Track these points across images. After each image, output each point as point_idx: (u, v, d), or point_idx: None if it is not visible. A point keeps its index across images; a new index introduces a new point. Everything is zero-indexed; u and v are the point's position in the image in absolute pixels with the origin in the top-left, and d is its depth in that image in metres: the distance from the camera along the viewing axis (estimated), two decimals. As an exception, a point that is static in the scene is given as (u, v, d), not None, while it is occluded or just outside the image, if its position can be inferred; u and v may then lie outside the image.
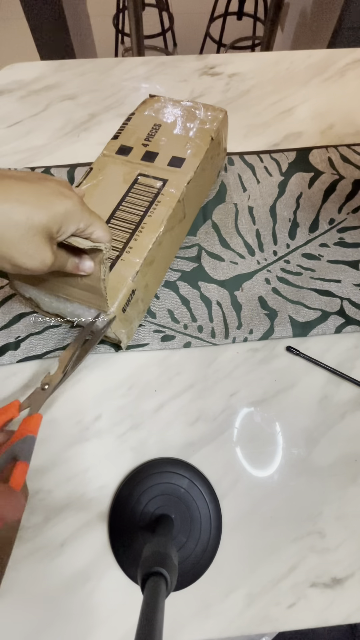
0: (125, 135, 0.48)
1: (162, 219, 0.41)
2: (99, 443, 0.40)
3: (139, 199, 0.42)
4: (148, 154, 0.46)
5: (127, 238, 0.40)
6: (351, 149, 0.58)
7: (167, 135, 0.47)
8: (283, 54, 0.71)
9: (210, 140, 0.47)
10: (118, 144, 0.47)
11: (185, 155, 0.45)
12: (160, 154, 0.46)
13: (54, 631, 0.34)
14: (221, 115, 0.49)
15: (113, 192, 0.43)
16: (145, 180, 0.44)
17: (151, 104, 0.51)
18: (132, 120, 0.49)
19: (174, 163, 0.45)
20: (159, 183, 0.43)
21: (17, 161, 0.58)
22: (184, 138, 0.47)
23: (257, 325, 0.45)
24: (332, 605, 0.35)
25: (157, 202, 0.42)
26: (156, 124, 0.48)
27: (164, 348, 0.44)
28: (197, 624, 0.34)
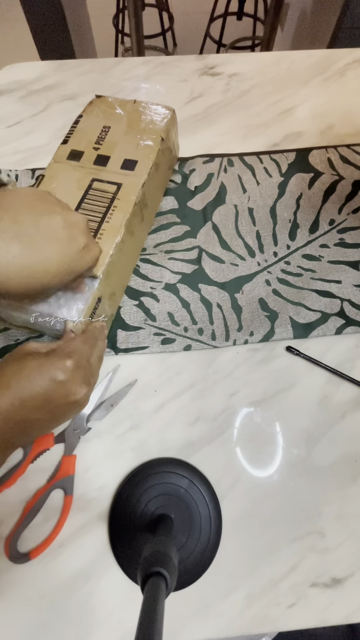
0: (75, 139, 0.47)
1: (120, 224, 0.40)
2: (99, 443, 0.40)
3: (95, 204, 0.42)
4: (100, 157, 0.45)
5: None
6: (351, 149, 0.58)
7: (117, 137, 0.46)
8: (283, 54, 0.71)
9: (160, 140, 0.46)
10: (68, 149, 0.46)
11: (137, 157, 0.45)
12: (112, 157, 0.45)
13: (54, 631, 0.34)
14: (169, 114, 0.48)
15: (68, 199, 0.42)
16: (100, 186, 0.43)
17: (98, 104, 0.50)
18: (81, 123, 0.48)
19: (126, 166, 0.44)
20: (114, 187, 0.43)
21: (17, 161, 0.58)
22: (135, 139, 0.46)
23: (258, 327, 0.45)
24: (332, 605, 0.35)
25: (114, 207, 0.41)
26: (105, 126, 0.47)
27: (164, 351, 0.44)
28: (197, 624, 0.34)
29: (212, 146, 0.59)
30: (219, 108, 0.64)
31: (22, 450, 0.39)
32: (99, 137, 0.47)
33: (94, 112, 0.49)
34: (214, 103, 0.64)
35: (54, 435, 0.39)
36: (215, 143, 0.60)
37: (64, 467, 0.38)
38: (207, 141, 0.60)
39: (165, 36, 1.97)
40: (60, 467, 0.38)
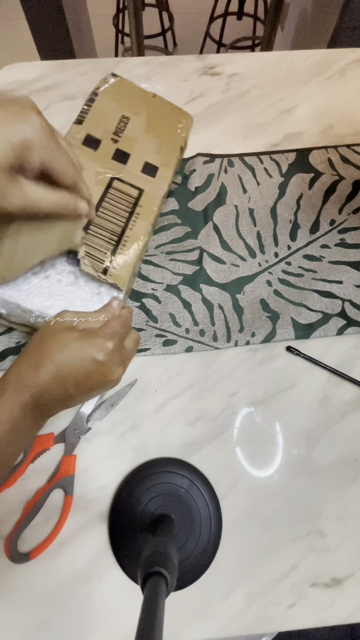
0: (90, 121, 0.43)
1: (142, 234, 0.40)
2: (99, 443, 0.40)
3: (118, 207, 0.41)
4: (119, 153, 0.43)
5: (112, 250, 0.39)
6: (351, 149, 0.58)
7: (136, 133, 0.44)
8: (283, 54, 0.71)
9: (180, 150, 0.46)
10: (84, 132, 0.43)
11: (158, 163, 0.44)
12: (132, 156, 0.43)
13: (54, 631, 0.34)
14: (189, 122, 0.48)
15: None
16: (121, 186, 0.42)
17: (115, 85, 0.46)
18: (97, 103, 0.44)
19: (147, 171, 0.43)
20: (136, 192, 0.42)
21: (17, 161, 0.58)
22: (155, 141, 0.45)
23: (259, 328, 0.45)
24: (332, 605, 0.35)
25: (137, 214, 0.41)
26: (124, 116, 0.44)
27: (165, 353, 0.44)
28: (197, 624, 0.34)
29: (212, 146, 0.59)
30: (219, 108, 0.64)
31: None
32: (117, 128, 0.44)
33: (109, 93, 0.45)
34: (214, 103, 0.64)
35: (54, 435, 0.39)
36: (215, 143, 0.59)
37: (64, 467, 0.38)
38: (207, 141, 0.60)
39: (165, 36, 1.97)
40: (60, 467, 0.38)
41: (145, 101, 0.47)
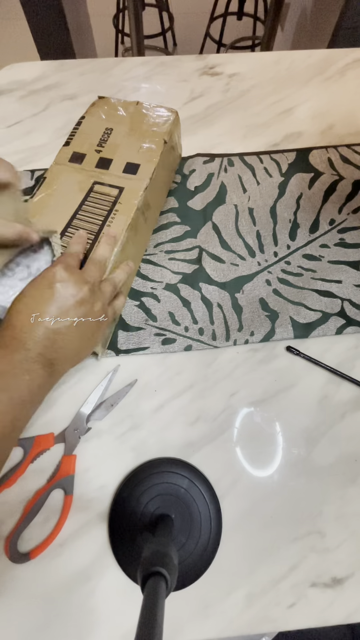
0: (77, 141, 0.47)
1: (122, 228, 0.40)
2: (99, 443, 0.40)
3: (96, 207, 0.42)
4: (102, 160, 0.45)
5: (88, 250, 0.40)
6: (351, 149, 0.58)
7: (119, 139, 0.46)
8: (283, 54, 0.71)
9: (163, 144, 0.46)
10: (70, 151, 0.46)
11: (139, 161, 0.45)
12: (115, 160, 0.45)
13: (54, 631, 0.34)
14: (172, 117, 0.48)
15: (68, 201, 0.42)
16: (101, 189, 0.43)
17: (101, 105, 0.50)
18: (83, 125, 0.48)
19: (129, 170, 0.44)
20: (115, 191, 0.43)
21: (17, 161, 0.58)
22: (137, 142, 0.46)
23: (258, 327, 0.45)
24: (332, 605, 0.35)
25: (115, 211, 0.41)
26: (108, 128, 0.47)
27: (164, 351, 0.44)
28: (197, 624, 0.34)
29: (212, 146, 0.59)
30: (219, 108, 0.64)
31: (22, 449, 0.39)
32: (101, 140, 0.47)
33: (96, 114, 0.49)
34: (214, 103, 0.64)
35: (54, 435, 0.39)
36: (215, 143, 0.59)
37: (64, 467, 0.38)
38: (207, 141, 0.60)
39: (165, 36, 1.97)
40: (60, 467, 0.38)
41: (129, 110, 0.49)
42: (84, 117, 0.49)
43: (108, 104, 0.50)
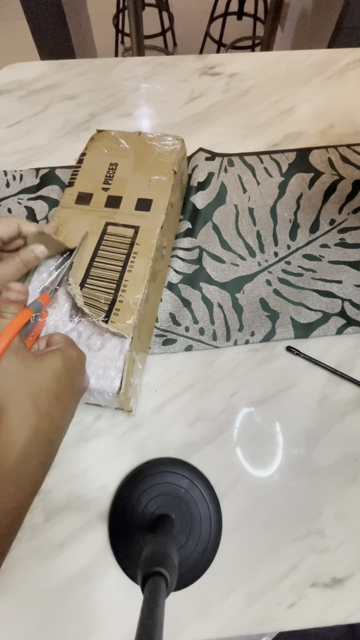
0: (81, 180, 0.44)
1: (143, 273, 0.38)
2: (99, 443, 0.40)
3: (114, 252, 0.39)
4: (111, 199, 0.42)
5: (112, 300, 0.36)
6: (351, 149, 0.58)
7: (126, 174, 0.44)
8: (283, 54, 0.71)
9: (173, 175, 0.44)
10: (75, 191, 0.43)
11: (151, 196, 0.42)
12: (125, 197, 0.42)
13: (54, 631, 0.34)
14: (179, 145, 0.46)
15: (82, 247, 0.40)
16: (115, 230, 0.40)
17: (101, 139, 0.47)
18: (85, 162, 0.46)
19: (141, 206, 0.42)
20: (131, 231, 0.40)
21: (17, 161, 0.58)
22: (145, 176, 0.44)
23: (259, 327, 0.45)
24: (332, 605, 0.35)
25: (134, 253, 0.39)
26: (112, 163, 0.45)
27: (165, 352, 0.44)
28: (197, 624, 0.34)
29: (212, 146, 0.59)
30: (219, 108, 0.64)
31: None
32: (106, 177, 0.44)
33: (97, 149, 0.47)
34: (214, 103, 0.64)
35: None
36: (215, 143, 0.60)
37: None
38: (207, 141, 0.60)
39: (165, 36, 1.97)
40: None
41: (131, 142, 0.47)
42: (84, 153, 0.46)
43: (108, 137, 0.48)
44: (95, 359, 0.35)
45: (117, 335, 0.35)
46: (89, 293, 0.37)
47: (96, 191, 0.43)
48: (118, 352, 0.35)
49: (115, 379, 0.34)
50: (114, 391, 0.34)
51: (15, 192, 0.55)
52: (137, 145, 0.47)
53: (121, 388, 0.34)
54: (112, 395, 0.34)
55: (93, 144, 0.48)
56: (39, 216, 0.53)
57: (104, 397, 0.35)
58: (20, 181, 0.56)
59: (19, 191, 0.55)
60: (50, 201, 0.54)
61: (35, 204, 0.54)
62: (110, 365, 0.35)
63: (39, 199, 0.54)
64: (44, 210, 0.53)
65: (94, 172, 0.45)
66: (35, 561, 0.36)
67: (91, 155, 0.46)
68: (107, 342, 0.35)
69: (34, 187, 0.55)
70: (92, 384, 0.34)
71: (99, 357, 0.35)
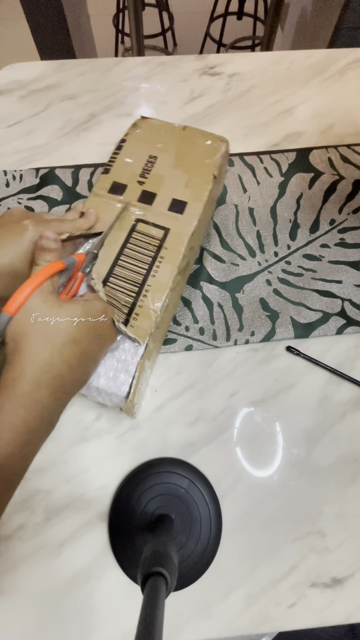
0: (117, 168, 0.43)
1: (167, 281, 0.37)
2: (99, 443, 0.40)
3: (140, 252, 0.38)
4: (145, 194, 0.41)
5: (132, 303, 0.36)
6: (351, 149, 0.58)
7: (164, 170, 0.42)
8: (283, 54, 0.71)
9: (212, 179, 0.42)
10: (110, 180, 0.42)
11: (186, 198, 0.41)
12: (159, 195, 0.41)
13: (54, 631, 0.34)
14: (223, 148, 0.44)
15: (110, 242, 0.38)
16: (145, 228, 0.39)
17: (143, 127, 0.45)
18: (124, 149, 0.44)
19: (174, 208, 0.40)
20: (161, 233, 0.39)
21: (17, 161, 0.58)
22: (183, 174, 0.42)
23: (259, 327, 0.45)
24: (332, 605, 0.35)
25: (161, 258, 0.38)
26: (152, 156, 0.43)
27: (165, 351, 0.44)
28: (197, 624, 0.34)
29: (212, 146, 0.59)
30: (219, 108, 0.64)
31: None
32: (144, 169, 0.42)
33: (138, 137, 0.45)
34: (214, 103, 0.64)
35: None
36: (216, 143, 0.59)
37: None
38: (207, 141, 0.59)
39: (165, 36, 1.97)
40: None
41: (174, 136, 0.45)
42: (124, 140, 0.45)
43: (151, 126, 0.45)
44: (108, 360, 0.35)
45: (132, 339, 0.35)
46: (111, 292, 0.36)
47: (131, 183, 0.42)
48: (131, 357, 0.35)
49: (125, 384, 0.34)
50: (123, 395, 0.34)
51: (15, 192, 0.55)
52: (179, 140, 0.44)
53: (129, 395, 0.34)
54: (119, 399, 0.35)
55: (134, 131, 0.45)
56: (39, 216, 0.53)
57: (112, 399, 0.35)
58: (20, 181, 0.56)
59: (19, 191, 0.55)
60: (50, 201, 0.54)
61: (35, 203, 0.54)
62: (122, 368, 0.34)
63: (38, 198, 0.54)
64: (44, 210, 0.53)
65: (132, 162, 0.43)
66: (36, 561, 0.36)
67: (131, 143, 0.44)
68: (121, 344, 0.35)
69: (34, 187, 0.55)
70: (101, 384, 0.34)
71: (112, 358, 0.35)
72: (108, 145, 0.60)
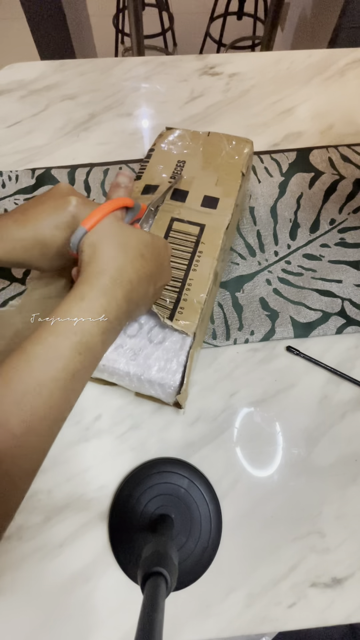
0: (148, 174, 0.44)
1: (208, 273, 0.38)
2: (99, 443, 0.40)
3: (179, 249, 0.39)
4: (178, 192, 0.43)
5: (176, 298, 0.37)
6: (351, 149, 0.58)
7: (193, 172, 0.44)
8: (283, 54, 0.71)
9: (241, 176, 0.44)
10: (142, 184, 0.43)
11: (217, 194, 0.42)
12: (191, 193, 0.42)
13: (54, 631, 0.34)
14: (247, 148, 0.46)
15: None
16: (181, 227, 0.40)
17: (169, 137, 0.48)
18: (153, 157, 0.46)
19: (207, 204, 0.42)
20: (196, 229, 0.40)
21: (17, 161, 0.58)
22: (213, 174, 0.44)
23: (258, 326, 0.45)
24: (332, 605, 0.35)
25: (199, 252, 0.39)
26: (180, 160, 0.45)
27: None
28: (197, 624, 0.34)
29: (212, 146, 0.59)
30: (219, 108, 0.64)
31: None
32: (174, 172, 0.44)
33: (164, 145, 0.47)
34: (214, 103, 0.64)
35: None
36: (216, 143, 0.59)
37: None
38: (207, 141, 0.59)
39: (165, 36, 1.97)
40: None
41: (199, 141, 0.47)
42: (152, 149, 0.47)
43: (177, 134, 0.48)
44: (158, 351, 0.36)
45: (178, 331, 0.36)
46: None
47: (163, 183, 0.43)
48: (179, 347, 0.36)
49: (177, 373, 0.35)
50: (176, 385, 0.35)
51: (11, 192, 0.55)
52: (205, 144, 0.47)
53: (182, 384, 0.35)
54: (173, 389, 0.35)
55: (161, 140, 0.48)
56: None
57: (165, 390, 0.36)
58: (16, 182, 0.56)
59: (15, 192, 0.55)
60: (50, 201, 0.54)
61: (35, 203, 0.54)
62: (172, 358, 0.36)
63: (38, 198, 0.54)
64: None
65: (162, 167, 0.45)
66: (36, 561, 0.36)
67: (159, 151, 0.47)
68: (168, 336, 0.37)
69: (30, 187, 0.55)
70: (152, 376, 0.35)
71: (161, 349, 0.36)
72: (108, 145, 0.60)
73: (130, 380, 0.36)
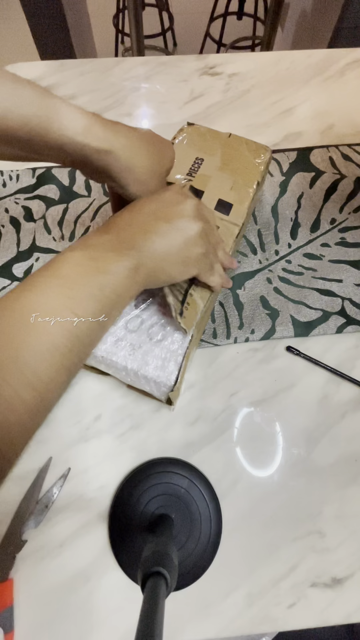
0: None
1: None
2: (99, 443, 0.40)
3: None
4: (193, 190, 0.42)
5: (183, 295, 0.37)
6: (352, 148, 0.58)
7: (210, 171, 0.44)
8: (283, 54, 0.71)
9: (256, 185, 0.44)
10: None
11: (231, 200, 0.42)
12: (206, 193, 0.42)
13: (54, 631, 0.34)
14: (267, 156, 0.46)
15: None
16: None
17: (190, 132, 0.48)
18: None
19: (221, 208, 0.42)
20: None
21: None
22: (229, 178, 0.44)
23: (259, 325, 0.45)
24: (332, 605, 0.35)
25: None
26: (198, 158, 0.45)
27: (164, 348, 0.44)
28: (197, 623, 0.34)
29: (212, 146, 0.59)
30: (219, 108, 0.64)
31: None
32: (191, 169, 0.44)
33: (185, 141, 0.47)
34: (214, 103, 0.64)
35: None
36: (216, 143, 0.59)
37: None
38: (207, 141, 0.59)
39: (165, 36, 1.97)
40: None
41: (220, 142, 0.47)
42: (172, 142, 0.46)
43: (197, 131, 0.47)
44: (156, 349, 0.36)
45: (178, 330, 0.37)
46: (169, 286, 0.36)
47: (178, 181, 0.43)
48: (177, 347, 0.36)
49: (173, 374, 0.35)
50: (170, 384, 0.35)
51: (12, 192, 0.55)
52: (225, 146, 0.46)
53: (176, 383, 0.35)
54: (167, 388, 0.35)
55: (181, 134, 0.47)
56: (36, 216, 0.53)
57: (160, 388, 0.36)
58: (16, 181, 0.56)
59: (16, 191, 0.55)
60: (48, 200, 0.54)
61: (32, 203, 0.54)
62: (170, 358, 0.36)
63: (35, 198, 0.54)
64: (41, 210, 0.53)
65: (179, 163, 0.44)
66: (36, 561, 0.36)
67: (178, 146, 0.46)
68: (168, 335, 0.37)
69: (31, 186, 0.55)
70: (149, 373, 0.35)
71: (159, 348, 0.36)
72: (108, 145, 0.60)
73: (127, 374, 0.37)
